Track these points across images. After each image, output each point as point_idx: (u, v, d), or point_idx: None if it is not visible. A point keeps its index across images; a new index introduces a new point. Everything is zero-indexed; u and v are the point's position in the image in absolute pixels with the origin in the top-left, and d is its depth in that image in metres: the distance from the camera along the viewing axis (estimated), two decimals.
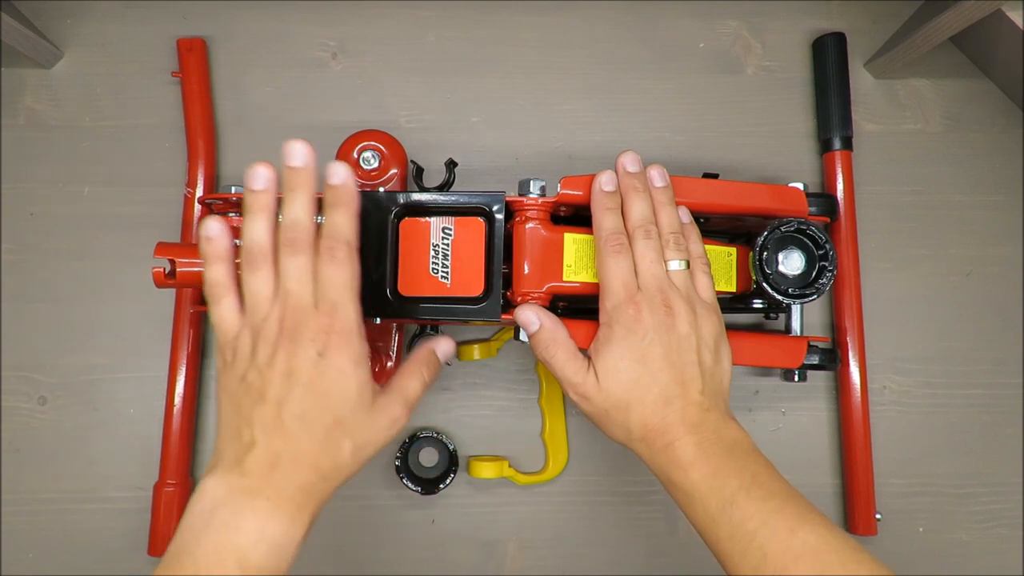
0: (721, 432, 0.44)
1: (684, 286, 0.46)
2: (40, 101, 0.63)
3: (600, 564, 0.60)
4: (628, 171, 0.48)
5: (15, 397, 0.60)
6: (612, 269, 0.46)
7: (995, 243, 0.64)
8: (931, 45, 0.59)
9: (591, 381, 0.45)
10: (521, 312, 0.47)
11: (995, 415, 0.62)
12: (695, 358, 0.45)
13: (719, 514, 0.41)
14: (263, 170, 0.42)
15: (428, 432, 0.59)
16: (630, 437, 0.45)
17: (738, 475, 0.42)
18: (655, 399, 0.44)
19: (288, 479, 0.39)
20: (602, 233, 0.47)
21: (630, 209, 0.47)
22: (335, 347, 0.40)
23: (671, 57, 0.65)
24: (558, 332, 0.47)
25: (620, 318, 0.45)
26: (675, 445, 0.43)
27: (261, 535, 0.37)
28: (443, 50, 0.64)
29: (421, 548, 0.60)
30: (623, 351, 0.45)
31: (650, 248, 0.46)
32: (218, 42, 0.63)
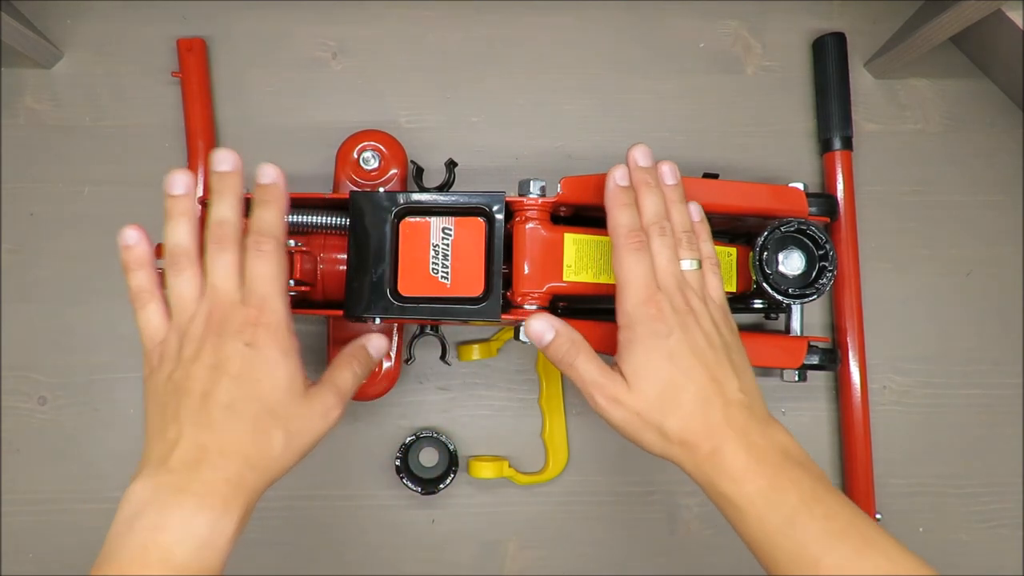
0: (771, 437, 0.41)
1: (698, 286, 0.45)
2: (40, 101, 0.63)
3: (600, 564, 0.60)
4: (640, 165, 0.46)
5: (15, 397, 0.60)
6: (632, 267, 0.43)
7: (995, 243, 0.64)
8: (931, 45, 0.59)
9: (620, 383, 0.42)
10: (533, 323, 0.45)
11: (995, 415, 0.62)
12: (724, 355, 0.43)
13: (778, 533, 0.39)
14: (181, 176, 0.43)
15: (428, 432, 0.59)
16: (667, 442, 0.42)
17: (796, 489, 0.39)
18: (692, 398, 0.41)
19: (215, 472, 0.37)
20: (620, 230, 0.44)
21: (644, 205, 0.45)
22: (263, 338, 0.40)
23: (671, 57, 0.65)
24: (575, 336, 0.45)
25: (641, 318, 0.43)
26: (723, 451, 0.40)
27: (186, 531, 0.36)
28: (443, 50, 0.64)
29: (421, 548, 0.60)
30: (649, 351, 0.42)
31: (666, 246, 0.44)
32: (218, 42, 0.63)
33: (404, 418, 0.61)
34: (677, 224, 0.46)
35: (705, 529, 0.61)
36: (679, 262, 0.45)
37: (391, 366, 0.56)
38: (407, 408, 0.61)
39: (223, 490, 0.37)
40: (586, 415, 0.61)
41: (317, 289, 0.52)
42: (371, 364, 0.47)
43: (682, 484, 0.61)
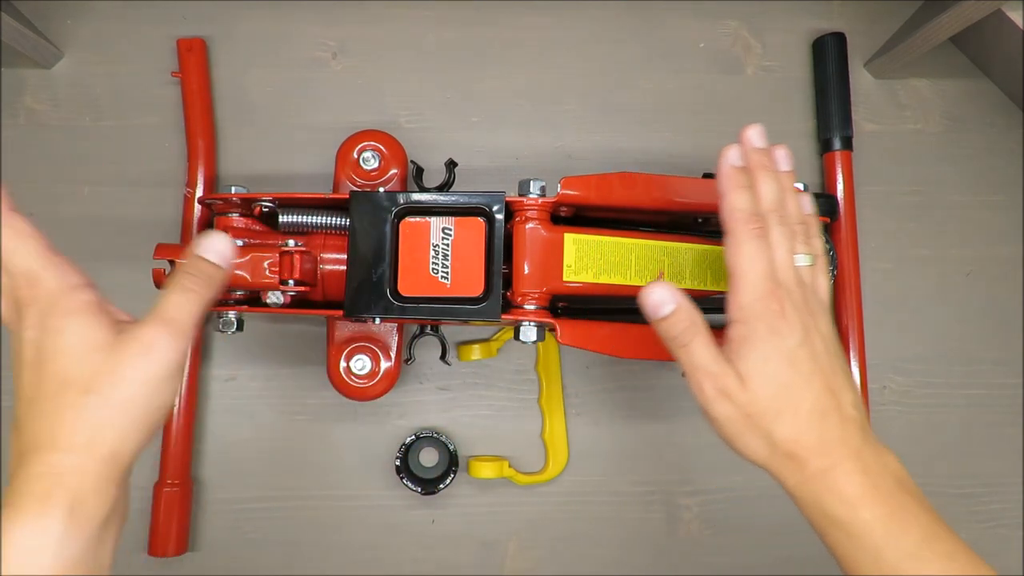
0: (885, 461, 0.39)
1: (811, 283, 0.41)
2: (40, 101, 0.63)
3: (600, 564, 0.60)
4: (756, 146, 0.42)
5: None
6: (753, 256, 0.39)
7: (995, 243, 0.64)
8: (931, 45, 0.59)
9: (734, 377, 0.39)
10: (654, 291, 0.40)
11: (995, 415, 0.62)
12: (839, 365, 0.40)
13: (894, 569, 0.36)
14: None
15: (428, 432, 0.59)
16: (773, 452, 0.39)
17: (916, 523, 0.37)
18: (810, 410, 0.38)
19: (26, 472, 0.33)
20: (739, 214, 0.40)
21: (761, 190, 0.41)
22: (39, 318, 0.35)
23: (671, 57, 0.65)
24: (696, 315, 0.40)
25: (762, 313, 0.39)
26: (836, 472, 0.37)
27: (10, 546, 0.32)
28: (443, 50, 0.64)
29: (421, 548, 0.60)
30: (769, 351, 0.38)
31: (785, 236, 0.40)
32: (218, 42, 0.63)
33: (404, 418, 0.61)
34: (793, 215, 0.42)
35: (705, 529, 0.61)
36: (795, 256, 0.41)
37: (391, 366, 0.56)
38: (407, 408, 0.61)
39: (36, 488, 0.33)
40: (586, 415, 0.61)
41: (317, 289, 0.52)
42: (213, 273, 0.38)
43: (682, 484, 0.61)
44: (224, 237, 0.39)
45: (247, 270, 0.49)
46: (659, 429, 0.61)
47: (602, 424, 0.61)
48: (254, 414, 0.60)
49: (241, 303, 0.52)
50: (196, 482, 0.59)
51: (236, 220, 0.53)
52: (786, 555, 0.61)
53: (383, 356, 0.56)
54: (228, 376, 0.61)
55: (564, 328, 0.49)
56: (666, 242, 0.52)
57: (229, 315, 0.52)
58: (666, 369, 0.62)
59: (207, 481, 0.60)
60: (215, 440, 0.60)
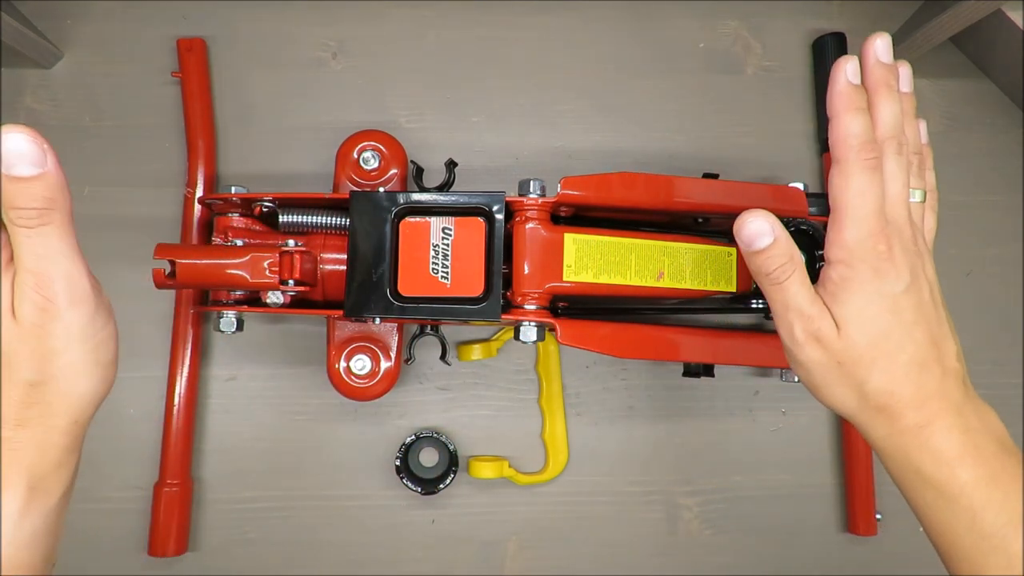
0: (986, 420, 0.37)
1: (920, 224, 0.39)
2: (40, 101, 0.63)
3: (600, 564, 0.60)
4: (882, 61, 0.37)
5: None
6: (864, 189, 0.36)
7: (995, 243, 0.64)
8: (931, 45, 0.59)
9: (829, 320, 0.36)
10: (751, 220, 0.36)
11: None
12: (943, 313, 0.37)
13: (994, 535, 0.34)
14: None
15: (428, 432, 0.59)
16: (863, 404, 0.36)
17: (1017, 489, 0.34)
18: (909, 360, 0.36)
19: None
20: (852, 140, 0.36)
21: (881, 112, 0.37)
22: None
23: (671, 57, 0.65)
24: (796, 251, 0.37)
25: (867, 254, 0.36)
26: (933, 427, 0.35)
27: None
28: (443, 50, 0.64)
29: (421, 548, 0.60)
30: (871, 295, 0.36)
31: (901, 169, 0.37)
32: (218, 42, 0.63)
33: (404, 418, 0.61)
34: (911, 142, 0.39)
35: (705, 529, 0.61)
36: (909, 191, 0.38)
37: (391, 366, 0.56)
38: (407, 408, 0.61)
39: None
40: (586, 415, 0.61)
41: (317, 289, 0.52)
42: (37, 190, 0.32)
43: (682, 484, 0.61)
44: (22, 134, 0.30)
45: (247, 270, 0.49)
46: (659, 429, 0.62)
47: (602, 424, 0.61)
48: (254, 414, 0.60)
49: (241, 303, 0.52)
50: (196, 482, 0.59)
51: (236, 220, 0.53)
52: (786, 555, 0.61)
53: (383, 356, 0.56)
54: (228, 376, 0.61)
55: (564, 328, 0.49)
56: (666, 242, 0.52)
57: (229, 315, 0.52)
58: (666, 369, 0.62)
59: (207, 481, 0.60)
60: (215, 440, 0.60)
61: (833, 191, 0.37)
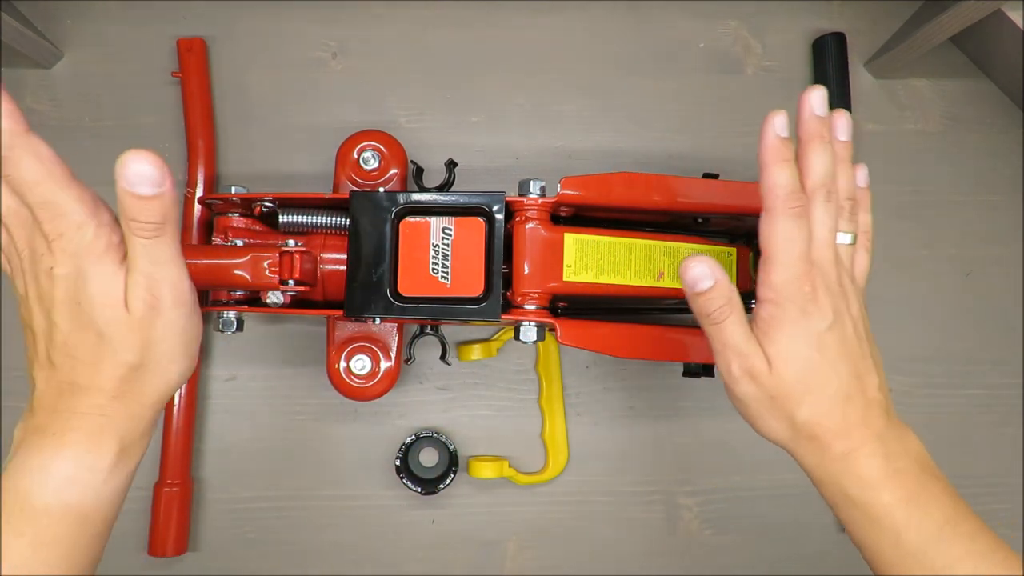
0: (907, 444, 0.39)
1: (848, 264, 0.41)
2: (40, 101, 0.63)
3: (600, 564, 0.60)
4: (816, 114, 0.40)
5: (15, 397, 0.60)
6: (789, 236, 0.38)
7: (995, 243, 0.64)
8: (931, 45, 0.59)
9: (761, 358, 0.38)
10: (691, 266, 0.38)
11: (995, 415, 0.62)
12: (867, 348, 0.40)
13: (917, 551, 0.36)
14: None
15: (428, 432, 0.59)
16: (795, 434, 0.39)
17: (938, 505, 0.37)
18: (834, 393, 0.38)
19: (73, 408, 0.36)
20: (777, 191, 0.39)
21: (811, 163, 0.39)
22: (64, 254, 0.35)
23: (671, 57, 0.65)
24: (733, 293, 0.39)
25: (793, 295, 0.38)
26: (858, 454, 0.38)
27: (46, 472, 0.34)
28: (443, 50, 0.64)
29: (421, 548, 0.60)
30: (797, 334, 0.38)
31: (829, 215, 0.39)
32: (218, 42, 0.63)
33: (404, 418, 0.61)
34: (843, 190, 0.40)
35: (705, 529, 0.61)
36: (837, 235, 0.40)
37: (391, 366, 0.56)
38: (407, 408, 0.61)
39: (85, 427, 0.35)
40: (586, 415, 0.61)
41: (317, 289, 0.52)
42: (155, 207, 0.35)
43: (682, 484, 0.61)
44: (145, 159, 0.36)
45: (247, 270, 0.49)
46: (659, 429, 0.62)
47: (602, 424, 0.61)
48: (254, 414, 0.60)
49: (241, 303, 0.52)
50: (196, 482, 0.59)
51: (236, 220, 0.53)
52: (786, 555, 0.61)
53: (383, 356, 0.56)
54: (228, 376, 0.61)
55: (564, 328, 0.49)
56: (666, 242, 0.52)
57: (229, 315, 0.52)
58: (666, 369, 0.62)
59: (207, 481, 0.60)
60: (215, 440, 0.60)
61: (762, 236, 0.39)
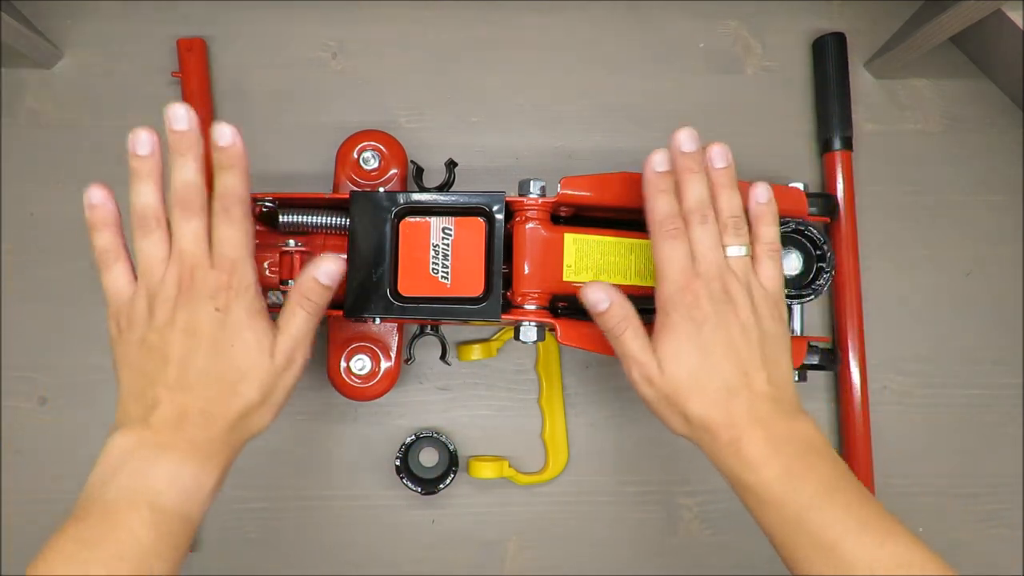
0: (793, 428, 0.42)
1: (743, 273, 0.44)
2: (40, 101, 0.63)
3: (600, 564, 0.60)
4: (683, 151, 0.44)
5: (15, 397, 0.60)
6: (668, 255, 0.43)
7: (995, 243, 0.64)
8: (931, 45, 0.59)
9: (654, 364, 0.43)
10: (589, 290, 0.44)
11: (995, 415, 0.62)
12: (757, 347, 0.43)
13: (796, 520, 0.39)
14: (146, 135, 0.43)
15: (428, 432, 0.59)
16: (692, 428, 0.43)
17: (815, 476, 0.40)
18: (717, 389, 0.42)
19: (198, 431, 0.39)
20: (656, 217, 0.44)
21: (685, 192, 0.44)
22: (233, 302, 0.40)
23: (671, 57, 0.65)
24: (628, 309, 0.44)
25: (677, 305, 0.43)
26: (743, 441, 0.41)
27: (173, 481, 0.38)
28: (443, 50, 0.64)
29: (421, 548, 0.60)
30: (682, 338, 0.42)
31: (707, 234, 0.44)
32: (218, 42, 0.63)
33: (404, 418, 0.61)
34: (724, 210, 0.45)
35: (705, 529, 0.61)
36: (723, 249, 0.44)
37: (391, 366, 0.56)
38: (407, 408, 0.61)
39: (206, 447, 0.39)
40: (586, 415, 0.61)
41: None
42: (326, 294, 0.43)
43: (682, 484, 0.61)
44: (336, 260, 0.43)
45: None
46: (659, 429, 0.61)
47: (602, 424, 0.61)
48: None
49: None
50: None
51: None
52: None
53: (383, 356, 0.56)
54: None
55: (564, 328, 0.49)
56: None
57: None
58: None
59: None
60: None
61: (653, 258, 0.44)
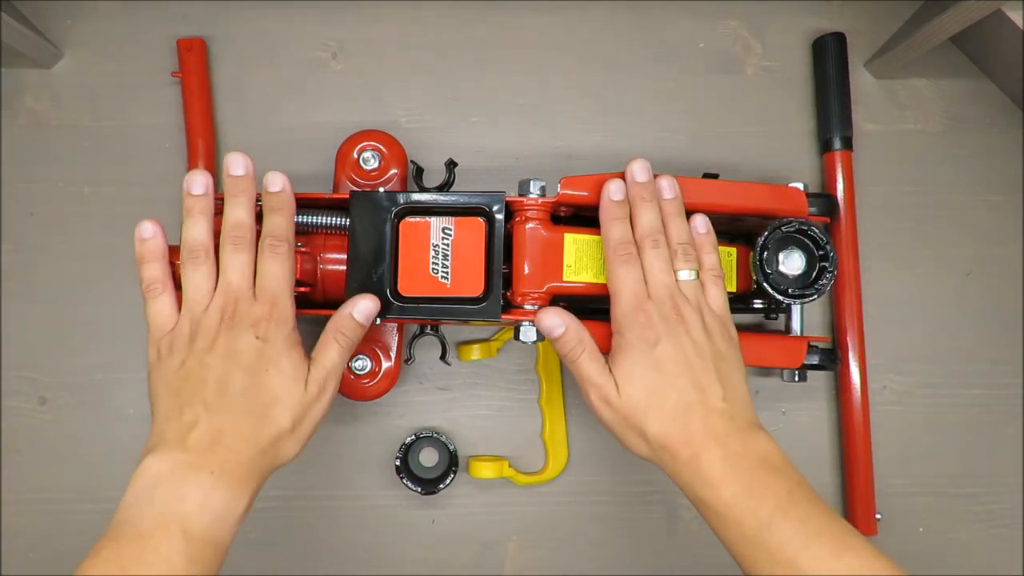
0: (749, 444, 0.43)
1: (694, 296, 0.46)
2: (40, 101, 0.63)
3: (600, 564, 0.60)
4: (637, 180, 0.48)
5: (15, 397, 0.60)
6: (621, 278, 0.46)
7: (995, 243, 0.64)
8: (931, 45, 0.59)
9: (612, 385, 0.44)
10: (544, 317, 0.46)
11: (995, 415, 0.62)
12: (711, 365, 0.44)
13: (755, 537, 0.40)
14: (201, 176, 0.45)
15: (428, 432, 0.59)
16: (651, 447, 0.44)
17: (773, 494, 0.41)
18: (673, 406, 0.43)
19: (230, 454, 0.40)
20: (610, 243, 0.47)
21: (638, 219, 0.47)
22: (273, 333, 0.43)
23: (671, 57, 0.65)
24: (583, 334, 0.46)
25: (631, 325, 0.45)
26: (701, 458, 0.42)
27: (204, 504, 0.38)
28: (443, 50, 0.64)
29: (421, 548, 0.60)
30: (636, 357, 0.44)
31: (658, 257, 0.46)
32: (218, 42, 0.63)
33: (404, 418, 0.61)
34: (674, 237, 0.47)
35: (705, 529, 0.60)
36: (673, 273, 0.46)
37: (391, 366, 0.56)
38: (407, 408, 0.61)
39: (237, 471, 0.40)
40: (586, 415, 0.61)
41: (317, 289, 0.52)
42: (359, 331, 0.47)
43: None
44: (372, 299, 0.47)
45: None
46: None
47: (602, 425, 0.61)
48: None
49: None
50: None
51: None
52: None
53: (383, 356, 0.56)
54: None
55: None
56: None
57: None
58: None
59: None
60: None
61: (607, 282, 0.47)
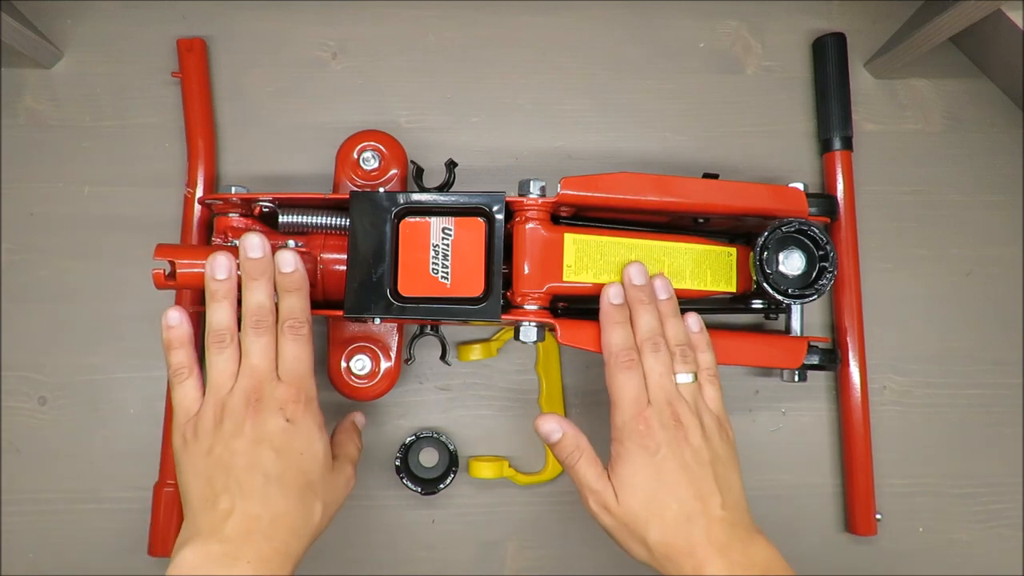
0: (752, 554, 0.43)
1: (692, 398, 0.47)
2: (40, 101, 0.63)
3: (600, 564, 0.60)
4: (634, 284, 0.48)
5: (15, 397, 0.60)
6: (624, 385, 0.46)
7: (995, 243, 0.64)
8: (931, 45, 0.59)
9: (610, 492, 0.45)
10: (542, 422, 0.48)
11: (995, 415, 0.62)
12: (710, 471, 0.44)
13: None
14: (224, 260, 0.46)
15: (428, 432, 0.59)
16: (652, 555, 0.44)
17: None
18: (675, 515, 0.43)
19: (266, 542, 0.40)
20: (612, 349, 0.47)
21: (638, 322, 0.48)
22: (301, 414, 0.44)
23: (671, 57, 0.65)
24: (580, 440, 0.47)
25: (631, 434, 0.45)
26: (704, 569, 0.42)
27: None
28: (443, 50, 0.64)
29: (421, 548, 0.60)
30: (636, 467, 0.44)
31: (659, 362, 0.46)
32: (218, 42, 0.63)
33: (404, 418, 0.61)
34: (672, 338, 0.48)
35: None
36: (673, 376, 0.47)
37: (391, 366, 0.56)
38: (407, 408, 0.61)
39: (274, 559, 0.40)
40: (586, 416, 0.61)
41: (317, 289, 0.52)
42: (360, 433, 0.53)
43: None
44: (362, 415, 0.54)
45: None
46: None
47: (602, 425, 0.61)
48: None
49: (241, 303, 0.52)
50: None
51: (236, 220, 0.53)
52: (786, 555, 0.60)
53: (383, 356, 0.56)
54: None
55: (564, 328, 0.49)
56: (666, 242, 0.52)
57: None
58: None
59: None
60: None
61: (608, 386, 0.47)
